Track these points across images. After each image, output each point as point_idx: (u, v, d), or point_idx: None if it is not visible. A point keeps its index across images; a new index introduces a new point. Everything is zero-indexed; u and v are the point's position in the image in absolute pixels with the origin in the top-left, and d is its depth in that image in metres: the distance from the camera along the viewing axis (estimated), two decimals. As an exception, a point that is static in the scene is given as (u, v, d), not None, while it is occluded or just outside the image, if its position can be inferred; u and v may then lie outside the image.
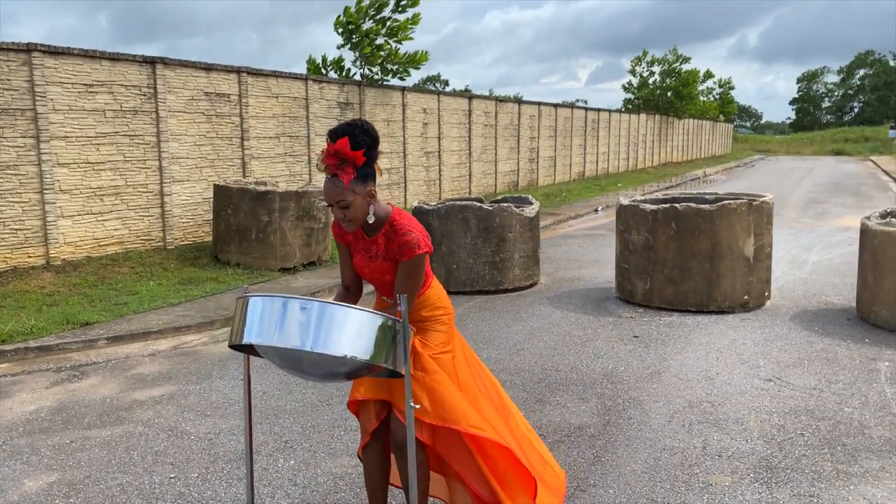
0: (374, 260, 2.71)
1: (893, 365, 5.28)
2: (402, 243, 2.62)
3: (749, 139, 73.11)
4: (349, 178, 2.54)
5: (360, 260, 2.75)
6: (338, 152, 2.52)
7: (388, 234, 2.68)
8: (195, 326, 6.55)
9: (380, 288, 2.81)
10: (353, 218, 2.60)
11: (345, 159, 2.53)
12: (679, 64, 36.07)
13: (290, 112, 12.02)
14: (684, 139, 40.58)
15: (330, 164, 2.55)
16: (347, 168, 2.54)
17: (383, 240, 2.69)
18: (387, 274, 2.71)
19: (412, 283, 2.64)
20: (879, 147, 58.56)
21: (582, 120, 25.38)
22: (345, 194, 2.55)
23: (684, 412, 4.45)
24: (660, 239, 6.94)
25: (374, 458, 2.92)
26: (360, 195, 2.58)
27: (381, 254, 2.69)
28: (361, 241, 2.75)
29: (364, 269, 2.76)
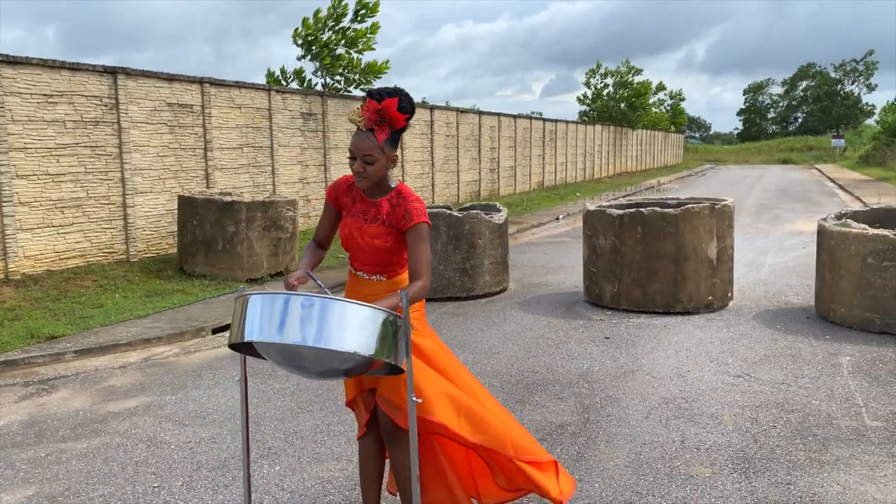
0: (370, 222, 2.74)
1: (854, 359, 5.50)
2: (410, 208, 2.70)
3: (699, 149, 74.89)
4: (384, 136, 2.64)
5: (353, 222, 2.79)
6: (383, 110, 2.62)
7: (394, 200, 2.74)
8: (165, 338, 6.46)
9: (361, 255, 2.80)
10: (372, 175, 2.67)
11: (385, 118, 2.63)
12: (632, 76, 36.85)
13: (253, 123, 11.94)
14: (638, 149, 41.41)
15: (371, 118, 2.64)
16: (385, 127, 2.64)
17: (387, 204, 2.75)
18: (378, 238, 2.74)
19: (425, 250, 2.69)
20: (823, 156, 60.61)
21: (540, 131, 25.72)
22: (374, 150, 2.64)
23: (660, 408, 4.57)
24: (626, 243, 7.10)
25: (369, 450, 2.98)
26: (386, 155, 2.68)
27: (381, 217, 2.74)
28: (359, 203, 2.80)
29: (353, 231, 2.78)
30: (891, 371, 5.20)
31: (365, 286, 2.80)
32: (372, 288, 2.80)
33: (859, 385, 4.92)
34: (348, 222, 2.81)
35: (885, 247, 6.09)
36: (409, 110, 2.65)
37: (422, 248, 2.68)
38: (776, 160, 61.29)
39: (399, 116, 2.63)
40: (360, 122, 2.65)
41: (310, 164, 13.51)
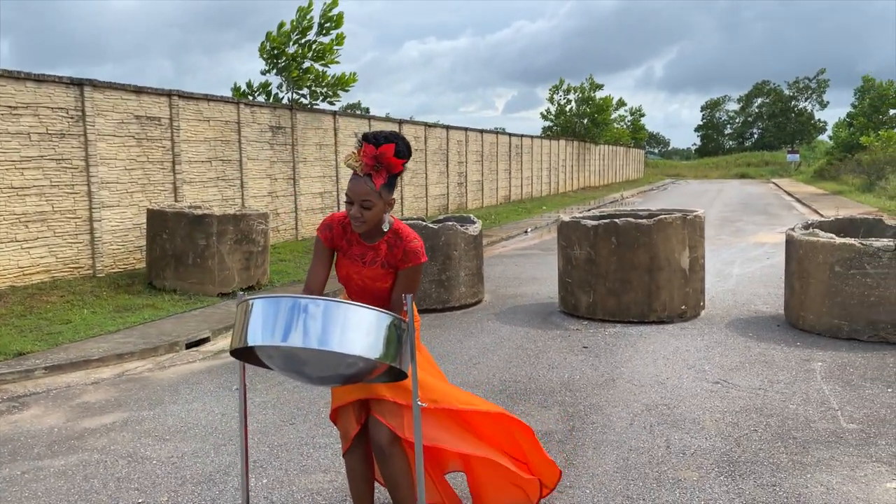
0: (368, 266, 2.74)
1: (826, 365, 5.63)
2: (409, 249, 2.72)
3: (659, 164, 76.30)
4: (381, 181, 2.63)
5: (350, 266, 2.78)
6: (380, 155, 2.62)
7: (392, 241, 2.75)
8: (139, 353, 6.33)
9: (361, 295, 2.82)
10: (368, 220, 2.66)
11: (382, 163, 2.62)
12: (593, 91, 37.44)
13: (222, 136, 11.82)
14: (601, 164, 42.00)
15: (368, 164, 2.62)
16: (382, 171, 2.63)
17: (385, 246, 2.75)
18: (379, 280, 2.75)
19: (413, 287, 2.74)
20: (779, 170, 62.25)
21: (506, 145, 25.95)
22: (372, 196, 2.63)
23: (643, 415, 4.62)
24: (601, 253, 7.19)
25: (358, 464, 2.93)
26: (383, 200, 2.67)
27: (379, 260, 2.74)
28: (356, 247, 2.78)
29: (351, 274, 2.78)
30: (861, 375, 5.35)
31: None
32: None
33: (833, 389, 5.04)
34: (345, 264, 2.81)
35: (852, 255, 6.28)
36: (405, 155, 2.65)
37: (410, 285, 2.73)
38: (734, 175, 62.72)
39: (396, 162, 2.62)
40: (358, 168, 2.63)
41: (279, 177, 13.41)
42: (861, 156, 34.03)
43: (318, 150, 14.62)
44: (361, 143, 2.63)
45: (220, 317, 7.60)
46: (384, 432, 2.74)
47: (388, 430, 2.74)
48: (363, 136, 2.64)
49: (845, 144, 42.54)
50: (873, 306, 6.21)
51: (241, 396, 2.67)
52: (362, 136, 2.65)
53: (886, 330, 6.18)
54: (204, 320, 7.44)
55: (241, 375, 2.65)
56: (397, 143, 2.61)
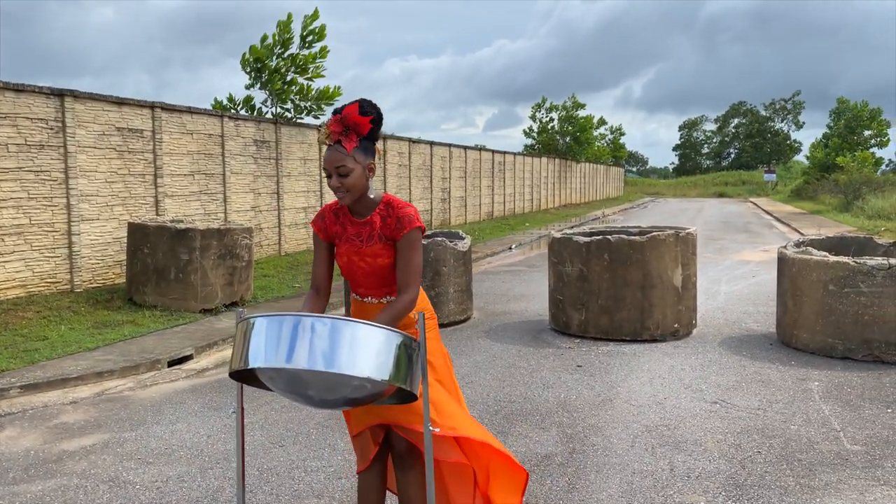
0: (367, 243, 2.63)
1: (822, 384, 5.57)
2: (401, 216, 2.60)
3: (638, 182, 76.99)
4: (352, 144, 2.54)
5: (349, 248, 2.66)
6: (345, 118, 2.54)
7: (384, 213, 2.64)
8: (119, 371, 6.11)
9: (366, 279, 2.67)
10: (351, 187, 2.56)
11: (349, 126, 2.54)
12: (575, 110, 37.70)
13: (205, 149, 11.64)
14: (582, 182, 42.21)
15: (334, 131, 2.55)
16: (352, 135, 2.55)
17: (378, 218, 2.64)
18: (380, 257, 2.62)
19: (417, 258, 2.59)
20: (756, 189, 63.05)
21: (490, 162, 25.95)
22: (346, 160, 2.53)
23: (644, 436, 4.50)
24: (594, 270, 7.11)
25: (373, 483, 2.80)
26: (360, 164, 2.57)
27: (376, 233, 2.62)
28: (350, 227, 2.68)
29: (352, 257, 2.66)
30: (859, 395, 5.28)
31: (375, 311, 2.66)
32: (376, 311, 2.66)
33: (833, 410, 4.97)
34: (344, 249, 2.68)
35: (846, 273, 6.24)
36: (370, 112, 2.55)
37: (412, 256, 2.58)
38: (712, 193, 63.40)
39: (361, 120, 2.52)
40: (326, 138, 2.56)
41: (262, 192, 13.23)
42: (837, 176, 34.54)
43: (303, 164, 14.46)
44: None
45: (203, 333, 7.40)
46: (405, 442, 2.65)
47: (405, 441, 2.63)
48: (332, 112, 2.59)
49: (821, 164, 43.22)
50: (867, 325, 6.17)
51: (239, 420, 2.51)
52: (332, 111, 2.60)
53: (881, 349, 6.14)
54: (186, 337, 7.24)
55: (238, 398, 2.50)
56: (360, 103, 2.53)
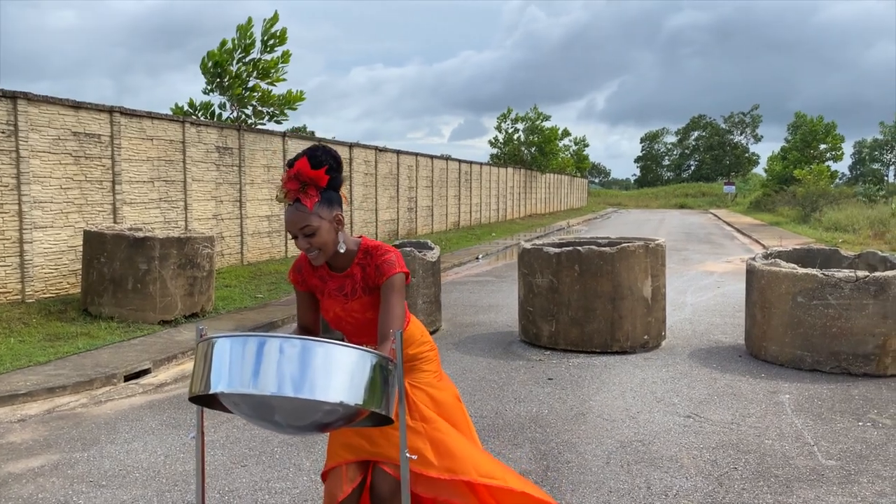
0: (350, 298, 2.46)
1: (793, 397, 5.55)
2: (379, 263, 2.43)
3: (601, 193, 77.85)
4: (312, 200, 2.35)
5: (333, 303, 2.49)
6: (298, 174, 2.34)
7: (364, 262, 2.46)
8: (71, 387, 5.83)
9: (358, 331, 2.53)
10: (321, 246, 2.38)
11: (305, 182, 2.35)
12: (541, 121, 37.94)
13: (165, 155, 11.32)
14: (546, 192, 42.45)
15: (291, 189, 2.35)
16: (310, 190, 2.36)
17: (359, 270, 2.47)
18: (368, 311, 2.46)
19: (398, 304, 2.40)
20: (716, 201, 64.17)
21: (456, 172, 25.90)
22: (309, 219, 2.35)
23: (619, 453, 4.41)
24: (564, 281, 7.03)
25: None
26: (325, 220, 2.38)
27: (359, 287, 2.45)
28: (331, 281, 2.50)
29: (339, 312, 2.49)
30: (830, 408, 5.27)
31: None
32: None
33: (805, 423, 4.94)
34: (329, 304, 2.51)
35: (814, 286, 6.26)
36: (324, 162, 2.33)
37: (394, 302, 2.39)
38: (673, 205, 64.35)
39: (317, 173, 2.32)
40: (283, 197, 2.37)
41: (224, 199, 12.93)
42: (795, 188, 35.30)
43: (266, 171, 14.19)
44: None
45: (162, 346, 7.13)
46: (388, 483, 2.46)
47: (393, 481, 2.45)
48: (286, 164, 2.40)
49: (779, 177, 44.16)
50: (835, 337, 6.19)
51: (199, 445, 2.33)
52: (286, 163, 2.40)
53: (848, 361, 6.16)
54: (144, 350, 6.96)
55: (198, 423, 2.31)
56: (309, 155, 2.32)
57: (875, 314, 6.10)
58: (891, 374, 6.13)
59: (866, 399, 5.50)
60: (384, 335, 2.36)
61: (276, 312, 9.10)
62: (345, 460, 2.46)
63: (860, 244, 19.01)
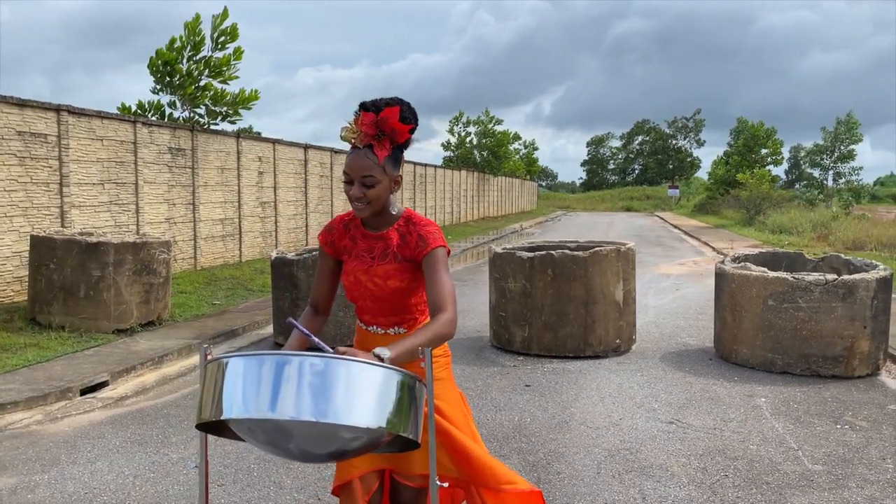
0: (378, 261, 2.31)
1: (769, 401, 5.58)
2: (423, 233, 2.29)
3: (549, 196, 78.65)
4: (385, 153, 2.22)
5: (358, 265, 2.34)
6: (382, 121, 2.19)
7: (403, 229, 2.32)
8: (24, 402, 5.47)
9: (373, 304, 2.35)
10: (374, 199, 2.24)
11: (385, 131, 2.21)
12: (493, 125, 38.10)
13: (116, 157, 10.86)
14: (498, 195, 42.62)
15: (368, 133, 2.20)
16: (385, 142, 2.22)
17: (396, 235, 2.32)
18: (392, 278, 2.30)
19: (447, 278, 2.25)
20: (661, 204, 65.55)
21: (411, 174, 25.73)
22: (374, 170, 2.21)
23: (608, 462, 4.33)
24: (537, 286, 6.96)
25: None
26: (388, 176, 2.25)
27: (391, 251, 2.31)
28: (362, 242, 2.36)
29: (360, 277, 2.33)
30: (806, 411, 5.32)
31: (380, 343, 2.34)
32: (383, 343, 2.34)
33: (786, 427, 4.96)
34: (352, 266, 2.35)
35: (785, 289, 6.33)
36: (412, 120, 2.24)
37: (443, 277, 2.25)
38: (619, 208, 65.46)
39: (402, 128, 2.20)
40: (355, 138, 2.22)
41: (178, 202, 12.50)
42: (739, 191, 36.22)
43: (220, 173, 13.79)
44: (359, 112, 2.22)
45: (119, 357, 6.79)
46: (409, 492, 2.34)
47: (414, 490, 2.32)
48: (360, 105, 2.24)
49: (722, 180, 45.30)
50: (805, 340, 6.27)
51: (202, 478, 2.14)
52: (359, 106, 2.24)
53: (818, 363, 6.25)
54: (100, 361, 6.61)
55: (202, 451, 2.13)
56: (402, 107, 2.20)
57: (843, 317, 6.20)
58: (858, 375, 6.24)
59: (839, 401, 5.57)
60: (436, 309, 2.20)
61: (235, 319, 8.80)
62: (359, 472, 2.30)
63: (805, 246, 19.58)
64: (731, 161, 45.29)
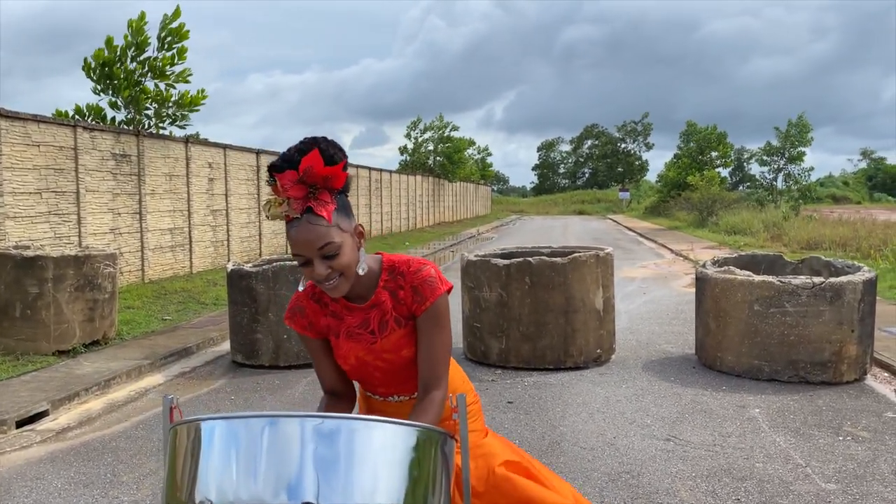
0: (380, 335, 1.87)
1: (763, 411, 5.33)
2: (418, 283, 1.83)
3: (502, 201, 78.87)
4: (329, 208, 1.73)
5: (355, 347, 1.89)
6: (307, 173, 1.69)
7: (392, 284, 1.87)
8: (-50, 439, 4.86)
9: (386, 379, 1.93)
10: (344, 269, 1.76)
11: (317, 184, 1.71)
12: (449, 131, 37.91)
13: (55, 164, 10.14)
14: (453, 200, 42.37)
15: (297, 196, 1.70)
16: (323, 196, 1.72)
17: (387, 295, 1.87)
18: (404, 348, 1.87)
19: (445, 341, 1.84)
20: (612, 207, 66.28)
21: (366, 179, 25.22)
22: (330, 234, 1.72)
23: (611, 488, 3.99)
24: (514, 294, 6.60)
25: None
26: (347, 233, 1.77)
27: (390, 318, 1.86)
28: (348, 317, 1.90)
29: (363, 357, 1.89)
30: (803, 422, 5.07)
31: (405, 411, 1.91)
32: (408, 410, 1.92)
33: (787, 441, 4.69)
34: (347, 349, 1.90)
35: (771, 293, 6.11)
36: (340, 156, 1.73)
37: (440, 339, 1.84)
38: (572, 211, 65.97)
39: (333, 171, 1.71)
40: (287, 210, 1.73)
41: (123, 212, 11.79)
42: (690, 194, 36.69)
43: (168, 181, 13.10)
44: (273, 177, 1.74)
45: (61, 382, 6.18)
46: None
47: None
48: (269, 168, 1.74)
49: (674, 183, 45.90)
50: (793, 346, 6.05)
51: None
52: (268, 169, 1.75)
53: (806, 369, 6.04)
54: (39, 388, 6.00)
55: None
56: (318, 147, 1.70)
57: (831, 321, 6.01)
58: (846, 380, 6.05)
59: (834, 410, 5.35)
60: (427, 385, 1.80)
61: (189, 336, 8.22)
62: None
63: (761, 246, 19.77)
64: (682, 163, 45.93)
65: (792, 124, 30.87)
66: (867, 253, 16.25)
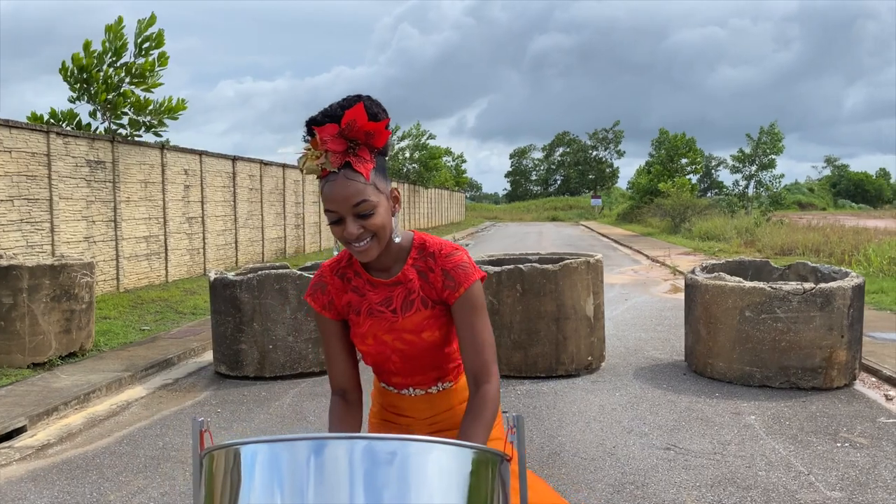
0: (402, 314, 1.76)
1: (759, 418, 5.31)
2: (449, 268, 1.73)
3: (475, 207, 79.03)
4: (370, 165, 1.64)
5: (376, 325, 1.78)
6: (349, 128, 1.59)
7: (421, 264, 1.77)
8: (-76, 458, 4.63)
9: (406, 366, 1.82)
10: (377, 230, 1.67)
11: (358, 139, 1.62)
12: (426, 139, 37.94)
13: (27, 170, 9.85)
14: (429, 207, 42.29)
15: (337, 150, 1.60)
16: (363, 152, 1.63)
17: (415, 274, 1.76)
18: (426, 330, 1.76)
19: (487, 327, 1.75)
20: (584, 213, 66.77)
21: (341, 186, 25.05)
22: (366, 191, 1.63)
23: (617, 499, 3.92)
24: (505, 302, 6.53)
25: None
26: (384, 194, 1.69)
27: (416, 297, 1.76)
28: (374, 293, 1.79)
29: (383, 337, 1.78)
30: (800, 428, 5.07)
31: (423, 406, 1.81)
32: (435, 406, 1.82)
33: (787, 448, 4.67)
34: (368, 327, 1.79)
35: (763, 299, 6.11)
36: (383, 114, 1.66)
37: (482, 328, 1.73)
38: (545, 217, 66.28)
39: (376, 127, 1.62)
40: (324, 163, 1.63)
41: (97, 220, 11.50)
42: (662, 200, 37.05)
43: (144, 188, 12.83)
44: (312, 131, 1.64)
45: (38, 396, 5.96)
46: None
47: None
48: (310, 122, 1.65)
49: (645, 190, 46.35)
50: (784, 351, 6.06)
51: None
52: (307, 123, 1.65)
53: (798, 375, 6.05)
54: (15, 402, 5.78)
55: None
56: (363, 102, 1.62)
57: (822, 326, 6.03)
58: (836, 386, 6.07)
59: (828, 416, 5.35)
60: (477, 377, 1.70)
61: (169, 347, 8.01)
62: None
63: (735, 252, 19.98)
64: (654, 170, 46.41)
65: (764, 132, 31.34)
66: (840, 258, 16.49)
